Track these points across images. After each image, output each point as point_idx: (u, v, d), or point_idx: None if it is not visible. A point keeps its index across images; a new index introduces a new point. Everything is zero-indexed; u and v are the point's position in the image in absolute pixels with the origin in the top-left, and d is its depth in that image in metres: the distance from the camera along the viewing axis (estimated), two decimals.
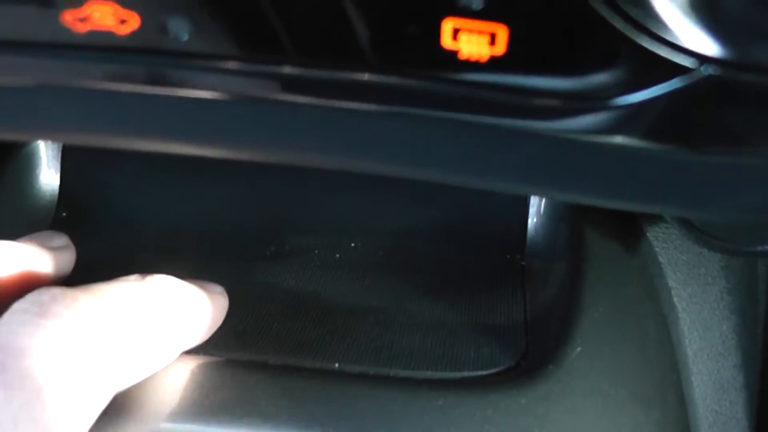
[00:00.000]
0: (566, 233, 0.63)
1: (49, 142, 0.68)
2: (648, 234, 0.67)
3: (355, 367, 0.56)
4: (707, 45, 0.37)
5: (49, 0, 0.40)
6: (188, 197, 0.68)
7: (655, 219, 0.65)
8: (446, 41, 0.39)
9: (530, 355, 0.58)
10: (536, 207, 0.65)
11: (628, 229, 0.65)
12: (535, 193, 0.59)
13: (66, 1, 0.40)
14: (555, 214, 0.64)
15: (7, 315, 0.43)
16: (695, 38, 0.37)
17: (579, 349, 0.57)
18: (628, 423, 0.57)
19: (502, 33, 0.38)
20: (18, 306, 0.44)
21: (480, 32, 0.38)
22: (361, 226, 0.67)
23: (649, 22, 0.37)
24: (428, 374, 0.56)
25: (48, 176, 0.69)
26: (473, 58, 0.39)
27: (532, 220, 0.65)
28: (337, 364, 0.56)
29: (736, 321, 0.70)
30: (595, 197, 0.46)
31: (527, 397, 0.55)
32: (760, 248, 0.60)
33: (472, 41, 0.38)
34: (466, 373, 0.57)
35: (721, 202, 0.44)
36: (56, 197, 0.69)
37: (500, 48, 0.38)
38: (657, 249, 0.67)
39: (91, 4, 0.40)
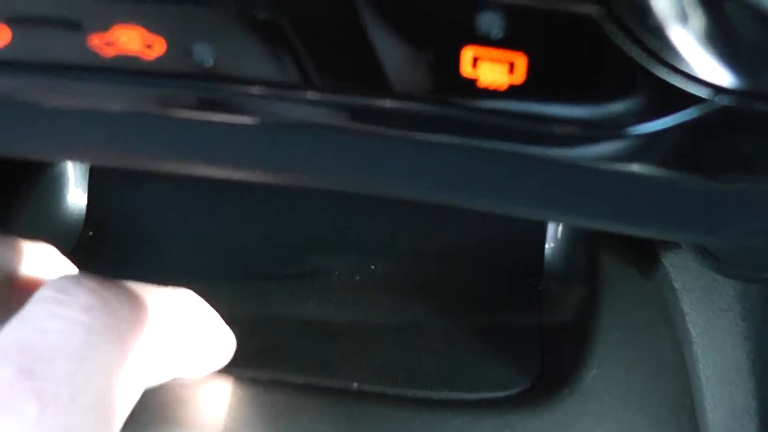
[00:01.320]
0: (583, 258, 0.63)
1: (77, 163, 0.68)
2: (664, 260, 0.66)
3: (374, 387, 0.56)
4: (722, 76, 0.37)
5: (76, 24, 0.40)
6: (212, 218, 0.68)
7: (671, 245, 0.65)
8: (465, 69, 0.39)
9: (546, 378, 0.58)
10: (553, 232, 0.65)
11: (644, 255, 0.64)
12: (551, 219, 0.58)
13: (93, 26, 0.40)
14: (572, 239, 0.64)
15: (29, 306, 0.41)
16: (710, 69, 0.37)
17: (594, 372, 0.57)
18: None
19: (521, 62, 0.38)
20: (41, 295, 0.41)
21: (499, 61, 0.38)
22: (381, 249, 0.66)
23: (665, 53, 0.37)
24: (444, 395, 0.56)
25: (75, 196, 0.69)
26: (492, 87, 0.39)
27: (549, 245, 0.64)
28: (355, 384, 0.56)
29: (750, 347, 0.69)
30: (609, 223, 0.46)
31: (543, 419, 0.55)
32: (763, 275, 0.60)
33: (491, 69, 0.38)
34: (482, 395, 0.57)
35: (733, 228, 0.44)
36: (83, 217, 0.68)
37: (519, 76, 0.38)
38: (672, 274, 0.67)
39: (118, 28, 0.40)
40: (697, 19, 0.36)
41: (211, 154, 0.47)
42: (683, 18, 0.36)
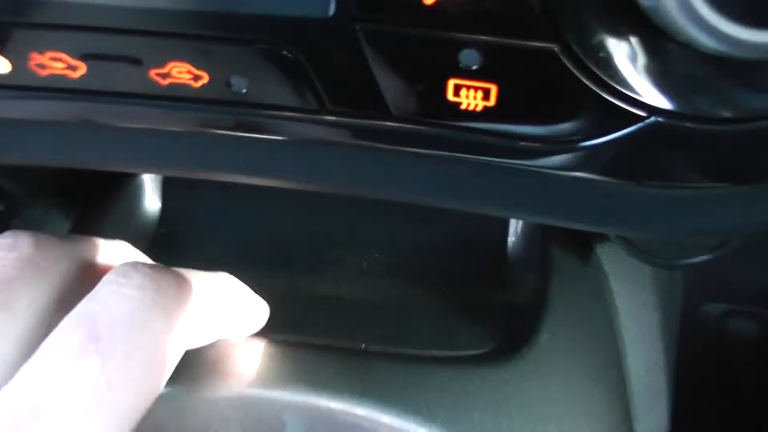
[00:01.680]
0: (536, 249, 0.60)
1: (152, 175, 0.67)
2: (597, 250, 0.63)
3: (377, 347, 0.54)
4: (658, 99, 0.33)
5: (139, 60, 0.37)
6: (254, 219, 0.67)
7: (602, 237, 0.62)
8: (450, 96, 0.36)
9: (509, 341, 0.55)
10: (514, 228, 0.62)
11: (583, 246, 0.61)
12: (516, 217, 0.56)
13: (152, 62, 0.37)
14: (528, 234, 0.61)
15: (97, 287, 0.41)
16: (648, 93, 0.33)
17: (546, 336, 0.55)
18: (583, 393, 0.55)
19: (493, 89, 0.35)
20: (106, 278, 0.41)
21: (476, 89, 0.35)
22: (382, 243, 0.64)
23: (611, 80, 0.34)
24: (431, 352, 0.53)
25: (152, 201, 0.67)
26: (471, 109, 0.35)
27: (511, 239, 0.61)
28: (363, 345, 0.54)
29: (660, 316, 0.68)
30: (562, 220, 0.43)
31: (507, 371, 0.53)
32: (680, 262, 0.59)
33: (469, 96, 0.35)
34: (460, 352, 0.54)
35: (661, 226, 0.40)
36: (157, 218, 0.66)
37: (492, 101, 0.34)
38: (604, 261, 0.64)
39: (170, 63, 0.36)
40: (638, 53, 0.33)
41: (242, 165, 0.44)
42: (627, 52, 0.33)
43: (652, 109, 0.34)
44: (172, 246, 0.66)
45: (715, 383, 1.14)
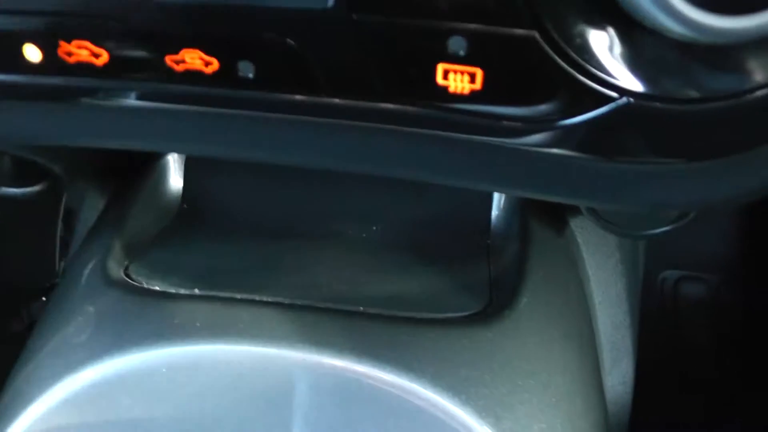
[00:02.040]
0: (517, 222, 0.58)
1: (176, 157, 0.65)
2: (570, 223, 0.61)
3: (374, 309, 0.51)
4: (630, 81, 0.31)
5: (156, 48, 0.35)
6: (268, 196, 0.65)
7: (575, 212, 0.60)
8: (439, 79, 0.34)
9: (493, 304, 0.53)
10: (497, 202, 0.60)
11: (558, 220, 0.59)
12: (499, 191, 0.54)
13: (168, 48, 0.35)
14: (509, 209, 0.58)
15: None
16: (621, 75, 0.31)
17: (526, 300, 0.53)
18: (558, 350, 0.53)
19: (479, 73, 0.33)
20: None
21: (463, 73, 0.32)
22: (381, 217, 0.63)
23: (587, 63, 0.31)
24: (423, 315, 0.51)
25: (176, 180, 0.65)
26: (458, 92, 0.33)
27: (494, 212, 0.59)
28: (361, 308, 0.51)
29: (625, 282, 0.66)
30: (540, 193, 0.41)
31: (492, 330, 0.51)
32: (643, 233, 0.57)
33: (457, 79, 0.32)
34: (449, 314, 0.51)
35: (630, 199, 0.38)
36: (180, 194, 0.65)
37: (478, 84, 0.32)
38: (576, 232, 0.63)
39: (184, 51, 0.34)
40: (611, 39, 0.32)
41: (252, 145, 0.42)
42: (601, 38, 0.32)
43: (624, 91, 0.32)
44: (195, 219, 0.64)
45: (670, 341, 1.13)
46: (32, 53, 0.35)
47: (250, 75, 0.35)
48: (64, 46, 0.35)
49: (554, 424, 0.48)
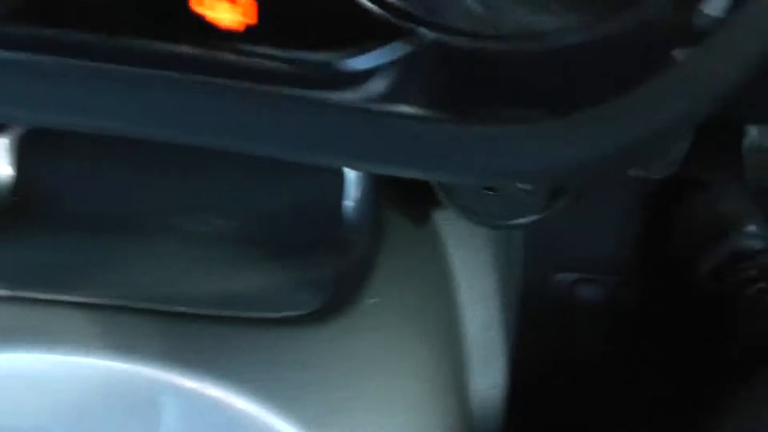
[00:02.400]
0: (371, 211, 0.51)
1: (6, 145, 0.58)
2: (434, 215, 0.56)
3: (198, 309, 0.45)
4: (422, 8, 0.24)
5: None
6: (105, 183, 0.58)
7: (441, 205, 0.54)
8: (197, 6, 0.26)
9: (334, 301, 0.48)
10: (350, 192, 0.54)
11: (419, 210, 0.54)
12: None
13: None
14: (363, 198, 0.53)
15: None
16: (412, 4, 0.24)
17: (371, 297, 0.48)
18: (409, 351, 0.48)
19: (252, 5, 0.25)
20: None
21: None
22: (223, 209, 0.56)
23: None
24: (254, 314, 0.46)
25: (5, 169, 0.58)
26: (231, 28, 0.26)
27: (347, 203, 0.52)
28: (183, 308, 0.45)
29: (496, 278, 0.60)
30: (349, 159, 0.34)
31: (331, 330, 0.46)
32: (510, 222, 0.53)
33: (220, 8, 0.25)
34: (283, 314, 0.46)
35: (456, 165, 0.31)
36: (12, 185, 0.58)
37: (252, 19, 0.25)
38: (441, 227, 0.57)
39: None
40: None
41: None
42: None
43: (418, 21, 0.26)
44: (24, 213, 0.57)
45: (564, 344, 1.09)
46: None
47: None
48: None
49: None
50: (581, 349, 1.12)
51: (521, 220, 0.51)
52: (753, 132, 1.07)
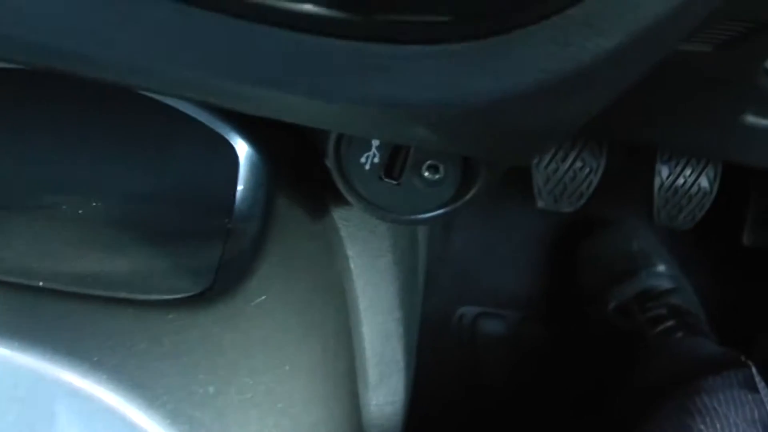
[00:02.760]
0: (263, 199, 0.46)
1: None
2: (333, 213, 0.51)
3: (58, 285, 0.40)
4: None
5: None
6: None
7: (340, 200, 0.49)
8: None
9: (214, 289, 0.42)
10: (242, 179, 0.48)
11: (316, 205, 0.49)
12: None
13: None
14: (255, 187, 0.47)
15: None
16: None
17: (254, 286, 0.43)
18: (293, 349, 0.44)
19: None
20: None
21: None
22: (107, 192, 0.51)
23: None
24: (122, 294, 0.40)
25: None
26: None
27: (240, 191, 0.47)
28: (41, 282, 0.39)
29: (399, 286, 0.56)
30: (219, 75, 0.28)
31: (205, 318, 0.40)
32: (413, 217, 0.47)
33: None
34: (154, 296, 0.41)
35: (352, 90, 0.26)
36: None
37: None
38: (339, 224, 0.52)
39: None
40: None
41: None
42: None
43: None
44: None
45: (465, 376, 1.05)
46: None
47: None
48: None
49: None
50: (484, 381, 1.09)
51: (426, 215, 0.46)
52: (664, 172, 1.06)
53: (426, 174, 0.45)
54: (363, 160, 0.46)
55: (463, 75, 0.26)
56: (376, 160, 0.45)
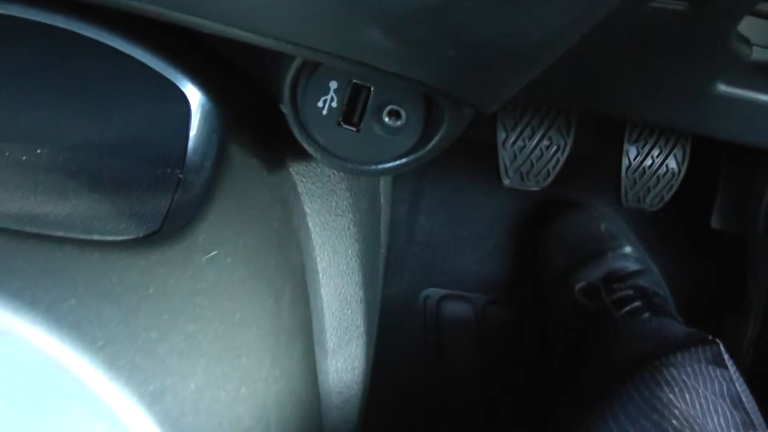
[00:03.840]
0: (216, 148, 0.43)
1: None
2: (290, 167, 0.48)
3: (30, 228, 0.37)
4: None
5: None
6: None
7: (299, 155, 0.47)
8: None
9: (161, 233, 0.40)
10: (194, 127, 0.46)
11: (270, 154, 0.46)
12: None
13: None
14: (206, 136, 0.44)
15: None
16: None
17: (202, 232, 0.41)
18: (244, 299, 0.41)
19: None
20: None
21: None
22: (52, 139, 0.48)
23: None
24: (62, 233, 0.38)
25: None
26: None
27: (192, 142, 0.44)
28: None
29: (359, 248, 0.54)
30: None
31: (148, 261, 0.38)
32: (375, 167, 0.45)
33: None
34: (95, 237, 0.38)
35: None
36: None
37: None
38: (296, 180, 0.50)
39: None
40: None
41: None
42: None
43: None
44: None
45: (429, 357, 1.04)
46: None
47: None
48: None
49: (221, 383, 0.34)
50: (448, 362, 1.07)
51: (387, 165, 0.44)
52: (632, 153, 1.05)
53: (387, 120, 0.43)
54: (320, 104, 0.44)
55: None
56: (334, 104, 0.43)
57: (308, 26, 0.30)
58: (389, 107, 0.43)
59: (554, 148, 0.99)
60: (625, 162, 1.02)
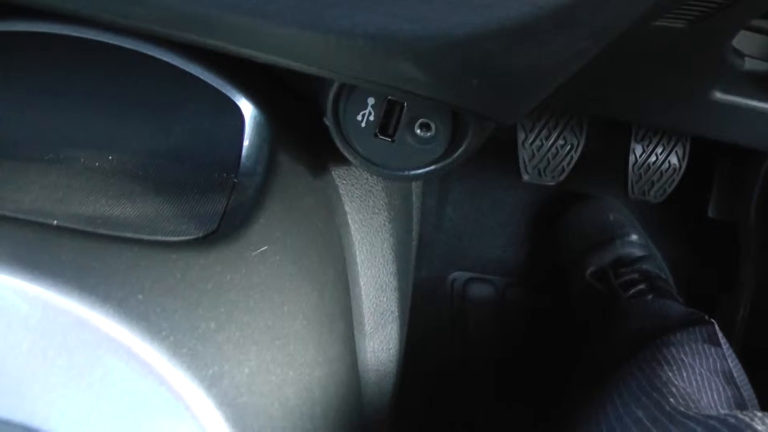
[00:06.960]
0: (266, 156, 0.43)
1: None
2: (331, 170, 0.48)
3: (71, 225, 0.36)
4: None
5: None
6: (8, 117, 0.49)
7: (339, 158, 0.47)
8: None
9: (218, 233, 0.40)
10: (248, 136, 0.46)
11: (314, 160, 0.46)
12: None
13: None
14: (258, 144, 0.44)
15: None
16: None
17: (256, 231, 0.41)
18: (293, 292, 0.41)
19: None
20: None
21: None
22: (119, 147, 0.48)
23: None
24: (128, 234, 0.37)
25: None
26: None
27: (245, 150, 0.44)
28: (55, 221, 0.36)
29: (393, 242, 0.54)
30: None
31: (208, 259, 0.37)
32: (407, 173, 0.45)
33: None
34: (159, 237, 0.38)
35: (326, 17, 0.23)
36: None
37: None
38: (338, 183, 0.50)
39: None
40: None
41: None
42: None
43: None
44: None
45: (455, 334, 1.04)
46: None
47: None
48: None
49: (272, 368, 0.34)
50: (473, 338, 1.07)
51: (418, 171, 0.44)
52: (638, 150, 1.04)
53: (418, 131, 0.43)
54: (359, 118, 0.43)
55: (446, 8, 0.23)
56: (371, 118, 0.43)
57: (347, 59, 0.30)
58: (420, 120, 0.43)
59: (568, 147, 0.98)
60: (631, 159, 1.00)
